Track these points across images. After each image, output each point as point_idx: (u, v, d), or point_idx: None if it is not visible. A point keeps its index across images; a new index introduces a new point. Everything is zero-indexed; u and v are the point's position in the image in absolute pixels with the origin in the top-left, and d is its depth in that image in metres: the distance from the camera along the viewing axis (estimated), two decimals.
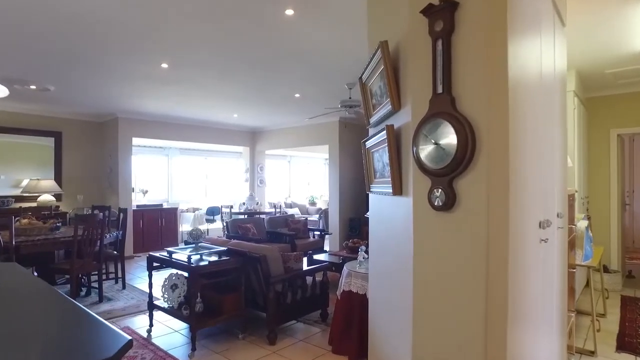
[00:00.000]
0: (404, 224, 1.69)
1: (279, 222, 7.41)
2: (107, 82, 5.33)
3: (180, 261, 3.59)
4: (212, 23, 3.49)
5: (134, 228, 7.80)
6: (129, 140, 7.61)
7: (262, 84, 5.49)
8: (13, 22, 3.47)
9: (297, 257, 3.99)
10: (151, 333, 3.88)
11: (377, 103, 2.07)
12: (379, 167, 2.07)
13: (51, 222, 5.11)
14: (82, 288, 5.21)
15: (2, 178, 6.96)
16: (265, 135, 9.78)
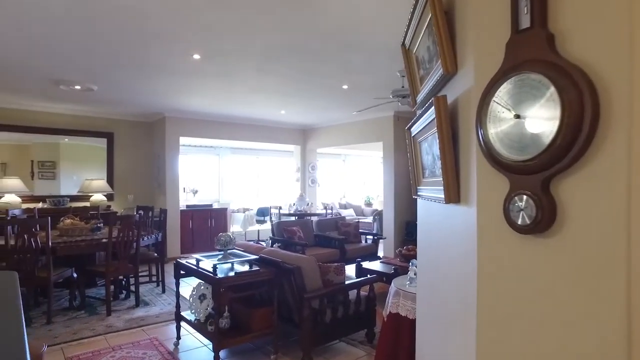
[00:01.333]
0: (462, 247, 1.11)
1: (329, 224, 6.92)
2: (144, 79, 5.15)
3: (204, 271, 3.20)
4: (243, 8, 3.07)
5: (182, 229, 7.70)
6: (176, 140, 7.50)
7: (305, 76, 5.02)
8: (55, 23, 3.36)
9: (338, 269, 3.46)
10: (178, 346, 3.55)
11: (425, 73, 1.49)
12: (428, 161, 1.49)
13: (93, 222, 5.00)
14: (123, 291, 5.06)
15: (75, 179, 7.13)
16: (316, 132, 9.34)
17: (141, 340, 3.66)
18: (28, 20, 3.33)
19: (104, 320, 4.15)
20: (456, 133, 1.15)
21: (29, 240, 3.99)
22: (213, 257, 3.53)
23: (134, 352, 3.40)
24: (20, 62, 4.50)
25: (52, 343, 3.61)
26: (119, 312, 4.40)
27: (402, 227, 7.57)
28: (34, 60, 4.42)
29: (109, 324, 4.05)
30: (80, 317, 4.24)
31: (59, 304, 4.64)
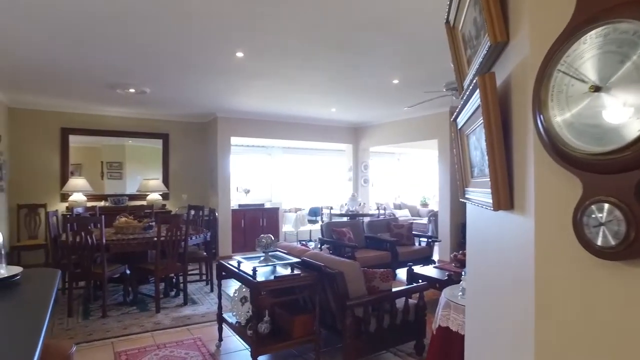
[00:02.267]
0: (515, 267, 0.86)
1: (380, 226, 6.64)
2: (192, 79, 5.20)
3: (244, 273, 3.10)
4: (284, 3, 2.94)
5: (234, 228, 7.79)
6: (227, 140, 7.59)
7: (353, 70, 4.81)
8: (104, 31, 3.45)
9: (385, 275, 3.22)
10: (220, 348, 3.49)
11: (472, 53, 1.24)
12: (476, 158, 1.23)
13: (145, 221, 5.14)
14: (174, 289, 5.15)
15: (139, 178, 7.48)
16: (368, 131, 9.07)
17: (185, 339, 3.66)
18: (81, 31, 3.43)
19: (153, 317, 4.22)
20: (508, 121, 0.90)
21: (85, 238, 4.14)
22: (255, 259, 3.43)
23: (177, 352, 3.39)
24: (80, 70, 4.74)
25: (103, 337, 3.71)
26: (168, 309, 4.47)
27: (458, 230, 7.11)
28: (91, 67, 4.61)
29: (157, 321, 4.11)
30: (131, 313, 4.34)
31: (114, 299, 4.81)
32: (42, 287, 2.01)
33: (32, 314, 1.62)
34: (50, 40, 3.80)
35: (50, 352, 1.89)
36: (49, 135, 6.85)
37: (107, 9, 3.11)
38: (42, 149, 6.82)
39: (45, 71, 4.80)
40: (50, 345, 1.97)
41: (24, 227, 6.45)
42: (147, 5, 3.05)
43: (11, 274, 2.00)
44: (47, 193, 6.80)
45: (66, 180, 6.84)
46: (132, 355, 3.33)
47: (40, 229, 6.51)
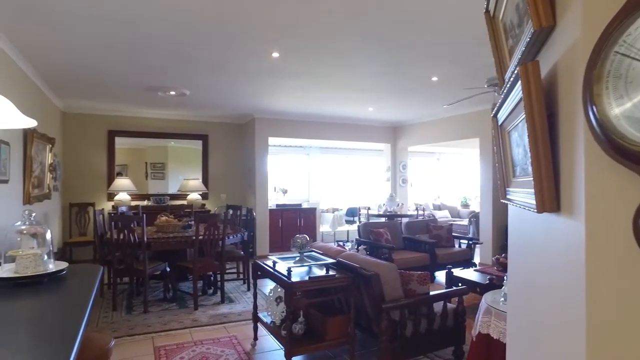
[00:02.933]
0: (563, 276, 0.78)
1: (419, 227, 6.48)
2: (229, 81, 5.28)
3: (278, 274, 3.10)
4: (318, 1, 2.91)
5: (271, 227, 7.85)
6: (265, 140, 7.67)
7: (391, 68, 4.71)
8: (143, 36, 3.59)
9: (422, 277, 3.12)
10: (255, 347, 3.51)
11: (514, 43, 1.15)
12: (519, 156, 1.15)
13: (184, 220, 5.27)
14: (211, 287, 5.25)
15: (180, 178, 7.73)
16: (407, 130, 8.89)
17: (221, 337, 3.71)
18: (125, 38, 3.56)
19: (192, 314, 4.32)
20: (554, 114, 0.82)
21: (128, 235, 4.30)
22: (290, 259, 3.42)
23: (213, 349, 3.43)
24: (125, 75, 4.96)
25: (145, 331, 3.83)
26: (205, 307, 4.55)
27: (501, 232, 6.82)
28: (134, 72, 4.81)
29: (195, 317, 4.20)
30: (171, 309, 4.46)
31: (155, 295, 4.96)
32: (86, 282, 2.08)
33: (75, 306, 1.71)
34: (98, 49, 4.01)
35: (90, 344, 1.95)
36: (97, 137, 7.19)
37: (148, 14, 3.20)
38: (91, 150, 7.16)
39: (94, 77, 5.05)
40: (91, 338, 2.03)
41: (75, 225, 6.80)
42: (185, 9, 3.11)
43: (58, 269, 2.10)
44: (95, 192, 7.14)
45: (112, 180, 7.15)
46: (171, 351, 3.41)
47: (89, 226, 6.83)
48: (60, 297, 1.93)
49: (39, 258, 2.02)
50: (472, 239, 6.31)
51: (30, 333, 1.51)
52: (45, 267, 2.05)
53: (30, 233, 2.19)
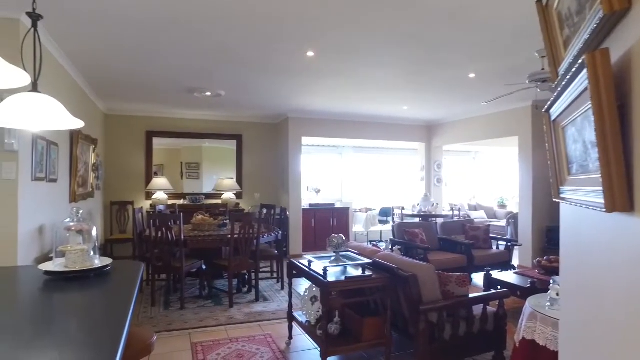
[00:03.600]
0: (637, 283, 0.72)
1: (455, 227, 6.34)
2: (264, 81, 5.32)
3: (314, 273, 3.09)
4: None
5: (304, 227, 7.87)
6: (298, 140, 7.70)
7: (427, 66, 4.62)
8: (181, 39, 3.68)
9: (461, 279, 3.04)
10: (290, 346, 3.52)
11: (572, 32, 1.08)
12: (576, 152, 1.08)
13: (220, 219, 5.35)
14: (246, 285, 5.31)
15: (214, 178, 7.90)
16: (442, 128, 8.70)
17: (256, 335, 3.74)
18: (163, 40, 3.65)
19: (227, 311, 4.38)
20: (628, 105, 0.75)
21: (166, 233, 4.41)
22: (325, 258, 3.41)
23: (249, 347, 3.47)
24: (162, 77, 5.10)
25: (182, 327, 3.92)
26: (240, 305, 4.61)
27: (542, 234, 6.56)
28: (172, 74, 4.93)
29: (230, 315, 4.25)
30: (207, 307, 4.54)
31: (191, 292, 5.07)
32: (129, 278, 2.14)
33: (119, 301, 1.77)
34: (141, 53, 4.16)
35: (134, 338, 2.00)
36: (136, 138, 7.44)
37: (189, 17, 3.26)
38: (131, 151, 7.41)
39: (135, 80, 5.23)
40: (134, 332, 2.08)
41: (116, 223, 7.05)
42: (221, 10, 3.15)
43: (103, 265, 2.18)
44: (134, 191, 7.38)
45: (150, 179, 7.38)
46: (207, 347, 3.46)
47: (129, 224, 7.07)
48: (106, 291, 2.00)
49: (86, 254, 2.09)
50: (511, 241, 6.11)
51: (80, 325, 1.56)
52: (92, 263, 2.12)
53: (77, 230, 2.27)
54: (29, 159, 3.46)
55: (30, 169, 3.49)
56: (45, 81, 2.40)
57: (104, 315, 1.66)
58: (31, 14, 2.23)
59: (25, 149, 3.37)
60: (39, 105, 1.94)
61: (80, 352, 1.27)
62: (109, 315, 1.63)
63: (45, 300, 1.87)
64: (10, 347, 1.30)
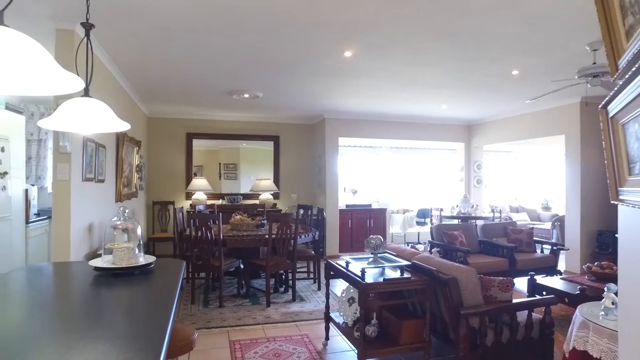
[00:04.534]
0: None
1: (496, 230, 6.14)
2: (300, 82, 5.35)
3: (352, 274, 3.07)
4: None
5: (341, 228, 7.86)
6: (335, 140, 7.69)
7: (468, 63, 4.49)
8: (221, 43, 3.82)
9: (504, 284, 2.92)
10: (326, 347, 3.51)
11: (636, 21, 1.01)
12: (638, 151, 1.01)
13: (257, 219, 5.42)
14: (283, 285, 5.35)
15: (252, 178, 8.05)
16: (482, 128, 8.45)
17: (293, 335, 3.76)
18: (202, 45, 3.75)
19: (264, 310, 4.43)
20: None
21: (205, 233, 4.51)
22: (363, 259, 3.37)
23: (285, 346, 3.49)
24: (202, 80, 5.25)
25: (220, 325, 3.99)
26: (277, 304, 4.65)
27: (592, 238, 6.23)
28: (211, 77, 5.06)
29: (267, 314, 4.30)
30: (245, 305, 4.61)
31: (229, 291, 5.17)
32: (171, 276, 2.21)
33: (163, 298, 1.84)
34: (183, 58, 4.32)
35: (176, 334, 2.05)
36: (176, 140, 7.68)
37: (230, 21, 3.33)
38: (172, 152, 7.66)
39: (177, 84, 5.41)
40: (177, 329, 2.14)
41: (157, 222, 7.31)
42: (258, 13, 3.19)
43: (147, 262, 2.25)
44: (175, 192, 7.62)
45: (190, 180, 7.60)
46: (245, 345, 3.51)
47: (169, 223, 7.31)
48: (150, 288, 2.06)
49: (132, 251, 2.17)
50: (557, 245, 5.83)
51: (127, 319, 1.63)
52: (137, 260, 2.20)
53: (122, 228, 2.36)
54: (79, 160, 3.64)
55: (81, 170, 3.67)
56: (95, 86, 2.52)
57: (148, 311, 1.71)
58: (84, 24, 2.36)
59: (76, 151, 3.55)
60: (91, 109, 2.04)
61: (128, 345, 1.32)
62: (153, 311, 1.68)
63: (95, 294, 1.95)
64: (66, 338, 1.38)
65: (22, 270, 2.41)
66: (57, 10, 3.13)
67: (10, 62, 1.14)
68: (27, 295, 2.00)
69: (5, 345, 1.32)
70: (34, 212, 5.31)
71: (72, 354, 1.24)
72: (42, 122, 2.02)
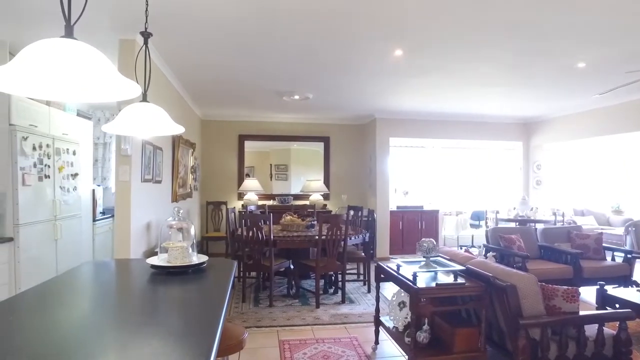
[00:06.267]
0: None
1: (558, 234, 5.75)
2: (351, 82, 5.31)
3: (403, 278, 2.98)
4: None
5: (392, 229, 7.73)
6: (386, 141, 7.58)
7: (527, 58, 4.24)
8: (273, 46, 3.90)
9: (570, 294, 2.71)
10: (376, 351, 3.44)
11: None
12: None
13: (308, 220, 5.44)
14: (332, 286, 5.33)
15: (302, 179, 8.15)
16: (543, 125, 7.97)
17: (342, 337, 3.72)
18: (253, 48, 3.83)
19: (313, 311, 4.43)
20: None
21: (256, 233, 4.59)
22: (415, 263, 3.28)
23: (334, 349, 3.46)
24: (253, 83, 5.37)
25: (270, 324, 4.04)
26: (326, 306, 4.63)
27: None
28: (262, 79, 5.16)
29: (316, 315, 4.30)
30: (294, 306, 4.64)
31: (279, 291, 5.22)
32: (223, 275, 2.26)
33: (214, 297, 1.88)
34: (237, 62, 4.44)
35: (227, 333, 2.08)
36: (229, 141, 7.92)
37: (282, 24, 3.36)
38: (224, 154, 7.91)
39: (230, 87, 5.58)
40: (228, 328, 2.18)
41: (210, 221, 7.56)
42: (308, 12, 3.19)
43: (200, 262, 2.32)
44: (227, 192, 7.86)
45: (242, 181, 7.79)
46: (294, 346, 3.52)
47: (222, 223, 7.54)
48: (202, 287, 2.12)
49: (186, 251, 2.23)
50: (632, 252, 5.35)
51: (180, 317, 1.67)
52: (190, 260, 2.26)
53: (177, 227, 2.44)
54: (139, 162, 3.83)
55: (140, 171, 3.87)
56: (152, 91, 2.63)
57: (201, 309, 1.75)
58: (143, 33, 2.48)
59: (136, 154, 3.74)
60: (149, 114, 2.13)
61: (180, 343, 1.36)
62: (205, 310, 1.71)
63: (151, 291, 2.03)
64: (125, 332, 1.46)
65: (89, 265, 2.57)
66: (120, 22, 3.32)
67: (81, 73, 1.23)
68: (93, 288, 2.13)
69: (74, 334, 1.43)
70: (99, 211, 5.68)
71: (130, 348, 1.31)
72: (106, 126, 2.14)
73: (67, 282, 2.12)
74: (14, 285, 3.70)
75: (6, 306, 1.68)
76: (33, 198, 3.96)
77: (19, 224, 3.75)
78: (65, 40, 1.23)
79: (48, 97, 1.43)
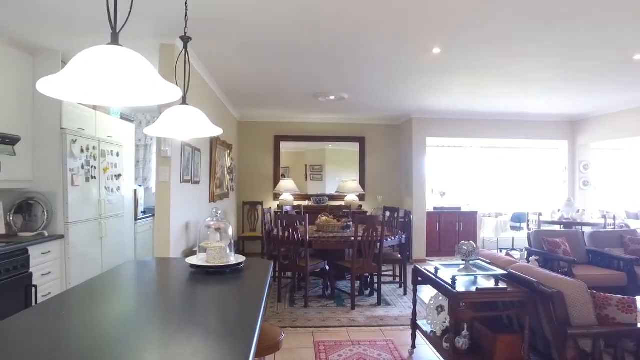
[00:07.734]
0: None
1: (609, 238, 5.44)
2: (387, 82, 5.23)
3: (442, 282, 2.90)
4: None
5: (429, 231, 7.58)
6: (422, 141, 7.44)
7: (576, 51, 4.02)
8: (308, 46, 3.89)
9: (625, 303, 2.54)
10: (412, 355, 3.37)
11: None
12: None
13: (343, 221, 5.42)
14: (368, 288, 5.28)
15: (337, 180, 8.16)
16: (590, 123, 7.57)
17: (378, 340, 3.67)
18: (288, 50, 3.84)
19: (348, 313, 4.40)
20: None
21: (292, 233, 4.61)
22: (454, 266, 3.18)
23: (370, 351, 3.42)
24: (291, 85, 5.41)
25: (305, 325, 4.04)
26: (362, 307, 4.59)
27: None
28: (297, 81, 5.19)
29: (352, 317, 4.26)
30: (329, 307, 4.62)
31: (315, 292, 5.22)
32: (259, 276, 2.28)
33: (252, 297, 1.90)
34: (273, 66, 4.50)
35: (264, 334, 2.10)
36: (265, 142, 8.01)
37: (317, 25, 3.36)
38: (261, 154, 8.01)
39: (266, 89, 5.65)
40: (265, 328, 2.19)
41: (247, 221, 7.68)
42: (344, 12, 3.17)
43: (238, 262, 2.34)
44: (263, 192, 7.95)
45: (277, 181, 7.87)
46: (329, 347, 3.51)
47: (258, 223, 7.64)
48: (240, 287, 2.14)
49: (224, 251, 2.27)
50: None
51: (219, 317, 1.70)
52: (228, 260, 2.29)
53: (215, 227, 2.48)
54: (178, 163, 3.93)
55: (179, 172, 3.97)
56: (191, 94, 2.69)
57: (239, 309, 1.77)
58: (183, 37, 2.54)
59: (175, 155, 3.85)
60: (188, 116, 2.18)
61: (219, 343, 1.38)
62: (243, 310, 1.73)
63: (190, 290, 2.07)
64: (167, 330, 1.50)
65: (131, 264, 2.66)
66: (161, 28, 3.42)
67: (127, 78, 1.29)
68: (136, 286, 2.20)
69: (118, 330, 1.48)
70: (141, 211, 5.89)
71: (172, 346, 1.34)
72: (147, 129, 2.21)
73: (112, 280, 2.21)
74: (64, 279, 3.90)
75: (59, 301, 1.78)
76: (81, 198, 4.16)
77: (69, 222, 3.95)
78: (112, 47, 1.28)
79: (97, 102, 1.49)
